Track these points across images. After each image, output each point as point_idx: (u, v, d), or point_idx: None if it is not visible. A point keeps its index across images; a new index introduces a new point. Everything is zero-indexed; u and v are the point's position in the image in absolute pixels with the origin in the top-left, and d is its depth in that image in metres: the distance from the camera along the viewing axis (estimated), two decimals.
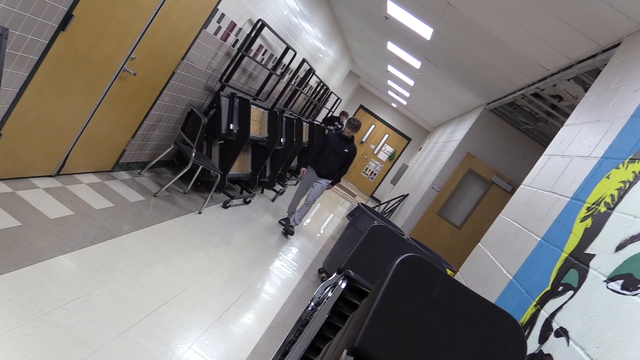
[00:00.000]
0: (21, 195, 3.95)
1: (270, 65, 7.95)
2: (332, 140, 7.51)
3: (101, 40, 4.11)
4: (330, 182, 7.69)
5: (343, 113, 14.55)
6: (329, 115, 15.47)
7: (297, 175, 11.83)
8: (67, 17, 3.60)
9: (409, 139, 19.71)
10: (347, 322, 2.01)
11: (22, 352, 2.54)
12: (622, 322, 1.83)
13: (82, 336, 2.91)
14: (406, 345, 1.59)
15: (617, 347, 1.77)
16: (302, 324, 2.57)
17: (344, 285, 2.39)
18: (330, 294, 2.44)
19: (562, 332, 2.12)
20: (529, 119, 7.74)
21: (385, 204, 12.88)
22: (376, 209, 10.42)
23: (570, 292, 2.26)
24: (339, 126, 13.76)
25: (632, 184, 2.31)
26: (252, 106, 7.18)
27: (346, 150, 7.42)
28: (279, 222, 7.75)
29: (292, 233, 7.53)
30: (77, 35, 3.81)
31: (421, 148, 17.13)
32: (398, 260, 1.70)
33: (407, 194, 11.86)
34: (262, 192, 9.23)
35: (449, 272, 5.43)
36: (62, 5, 3.50)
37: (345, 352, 1.53)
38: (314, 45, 10.14)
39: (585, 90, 4.84)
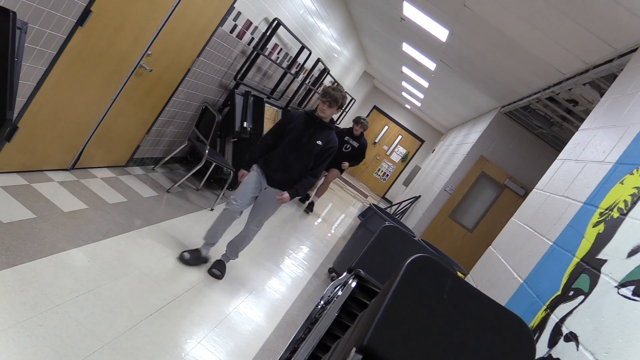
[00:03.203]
0: (36, 188, 4.00)
1: (285, 64, 7.97)
2: (295, 124, 4.38)
3: (118, 36, 4.15)
4: (295, 192, 4.42)
5: (357, 121, 9.23)
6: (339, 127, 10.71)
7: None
8: (86, 13, 3.63)
9: (422, 141, 19.66)
10: (356, 321, 2.02)
11: (34, 342, 2.58)
12: (632, 328, 1.82)
13: (93, 328, 2.94)
14: (415, 345, 1.59)
15: (627, 352, 1.77)
16: (311, 322, 2.58)
17: (354, 284, 2.40)
18: (340, 293, 2.45)
19: (571, 337, 2.11)
20: (543, 123, 7.69)
21: (397, 205, 12.86)
22: (388, 210, 10.40)
23: (581, 297, 2.25)
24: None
25: None
26: (266, 104, 7.20)
27: (319, 142, 4.35)
28: (182, 256, 4.39)
29: (220, 275, 4.51)
30: (95, 31, 3.85)
31: (434, 150, 17.07)
32: (408, 261, 1.70)
33: (419, 196, 11.83)
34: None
35: (459, 274, 5.41)
36: (80, 1, 3.54)
37: (354, 350, 1.54)
38: (329, 45, 10.15)
39: (601, 95, 4.81)
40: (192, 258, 4.41)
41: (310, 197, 7.41)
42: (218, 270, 4.52)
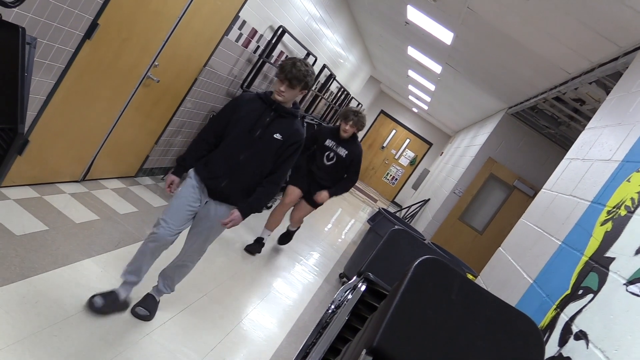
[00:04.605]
0: (48, 200, 4.04)
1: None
2: (244, 112, 3.22)
3: (125, 49, 4.20)
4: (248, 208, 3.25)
5: (346, 116, 6.30)
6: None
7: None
8: (93, 26, 3.69)
9: (430, 144, 19.65)
10: (366, 323, 2.04)
11: (49, 352, 2.61)
12: None
13: (107, 338, 2.97)
14: (424, 346, 1.61)
15: (637, 349, 1.77)
16: (322, 326, 2.60)
17: (363, 287, 2.42)
18: (350, 297, 2.47)
19: (581, 335, 2.12)
20: (551, 122, 7.69)
21: (407, 209, 12.86)
22: (397, 214, 10.41)
23: (590, 296, 2.26)
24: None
25: None
26: None
27: (278, 135, 3.23)
28: (92, 303, 3.09)
29: (147, 316, 3.36)
30: (102, 44, 3.90)
31: (442, 153, 17.07)
32: (416, 262, 1.72)
33: (429, 199, 11.83)
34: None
35: (469, 276, 5.41)
36: (88, 15, 3.59)
37: (364, 351, 1.56)
38: (334, 50, 10.19)
39: (608, 93, 4.81)
40: (106, 304, 3.13)
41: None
42: (145, 308, 3.35)
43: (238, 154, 3.18)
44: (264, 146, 3.21)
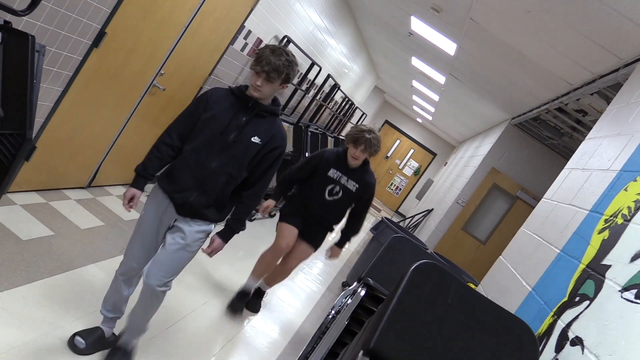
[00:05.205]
0: (54, 205, 4.10)
1: (295, 81, 8.08)
2: (215, 111, 2.71)
3: (132, 57, 4.27)
4: (229, 230, 2.83)
5: (357, 139, 4.25)
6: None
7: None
8: (100, 35, 3.75)
9: (434, 154, 19.69)
10: (364, 327, 2.07)
11: (53, 356, 2.65)
12: (634, 330, 1.86)
13: None
14: (420, 348, 1.64)
15: (630, 354, 1.80)
16: (322, 331, 2.64)
17: (363, 292, 2.46)
18: (349, 302, 2.51)
19: (577, 341, 2.15)
20: (554, 133, 7.72)
21: (410, 218, 12.88)
22: (401, 224, 10.44)
23: (587, 302, 2.29)
24: None
25: None
26: None
27: (256, 138, 2.73)
28: (74, 343, 2.77)
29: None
30: (109, 52, 3.97)
31: (446, 163, 17.09)
32: (413, 266, 1.76)
33: (432, 209, 11.85)
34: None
35: (471, 285, 5.44)
36: (95, 24, 3.65)
37: (361, 352, 1.60)
38: (339, 60, 10.26)
39: (609, 104, 4.85)
40: (90, 344, 2.80)
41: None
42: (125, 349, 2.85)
43: (209, 161, 2.66)
44: (240, 152, 2.69)
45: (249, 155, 2.71)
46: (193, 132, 2.69)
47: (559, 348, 2.26)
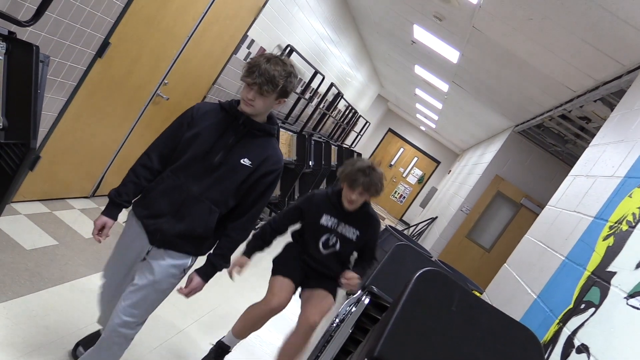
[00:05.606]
0: (58, 215, 4.10)
1: (298, 89, 8.10)
2: (200, 129, 2.40)
3: (136, 67, 4.28)
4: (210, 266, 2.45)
5: (355, 180, 3.26)
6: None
7: None
8: (104, 45, 3.77)
9: (438, 162, 19.67)
10: (368, 335, 2.06)
11: None
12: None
13: None
14: (425, 356, 1.64)
15: None
16: (326, 340, 2.63)
17: (367, 300, 2.45)
18: (354, 310, 2.50)
19: (583, 349, 2.14)
20: (557, 140, 7.71)
21: (414, 226, 12.86)
22: (405, 232, 10.41)
23: (592, 310, 2.28)
24: None
25: None
26: (281, 129, 7.31)
27: (245, 160, 2.38)
28: (76, 353, 2.77)
29: None
30: (113, 62, 3.99)
31: (450, 171, 17.08)
32: (418, 274, 1.76)
33: (436, 217, 11.83)
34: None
35: (475, 293, 5.41)
36: (99, 34, 3.67)
37: None
38: (342, 69, 10.28)
39: (612, 111, 4.85)
40: None
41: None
42: None
43: (188, 184, 2.32)
44: (226, 175, 2.34)
45: (237, 180, 2.35)
46: (176, 152, 2.38)
47: (564, 356, 2.25)
